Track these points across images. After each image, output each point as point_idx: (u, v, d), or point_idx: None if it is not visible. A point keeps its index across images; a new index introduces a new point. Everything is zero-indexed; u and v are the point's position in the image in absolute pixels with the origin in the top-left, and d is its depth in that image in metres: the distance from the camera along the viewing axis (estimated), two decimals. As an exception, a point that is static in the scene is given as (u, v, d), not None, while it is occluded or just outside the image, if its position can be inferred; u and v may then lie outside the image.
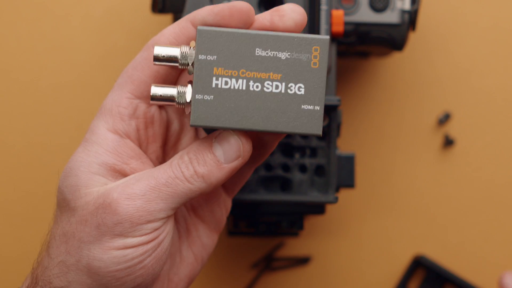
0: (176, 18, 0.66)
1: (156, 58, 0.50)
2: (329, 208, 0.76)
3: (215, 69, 0.50)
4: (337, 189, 0.63)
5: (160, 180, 0.50)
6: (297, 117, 0.50)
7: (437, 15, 0.78)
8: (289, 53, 0.50)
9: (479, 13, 0.78)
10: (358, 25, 0.65)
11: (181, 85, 0.51)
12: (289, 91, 0.50)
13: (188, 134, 0.55)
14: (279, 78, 0.50)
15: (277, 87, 0.50)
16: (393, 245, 0.78)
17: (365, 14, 0.65)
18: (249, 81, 0.50)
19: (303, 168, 0.62)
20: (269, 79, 0.50)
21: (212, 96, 0.50)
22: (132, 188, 0.50)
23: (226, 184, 0.56)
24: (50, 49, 0.77)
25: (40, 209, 0.77)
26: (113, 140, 0.52)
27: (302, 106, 0.50)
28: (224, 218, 0.57)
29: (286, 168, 0.63)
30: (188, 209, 0.56)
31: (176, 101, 0.50)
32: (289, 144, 0.63)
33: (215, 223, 0.56)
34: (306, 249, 0.78)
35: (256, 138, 0.54)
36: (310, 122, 0.50)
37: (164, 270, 0.54)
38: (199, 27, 0.50)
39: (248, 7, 0.50)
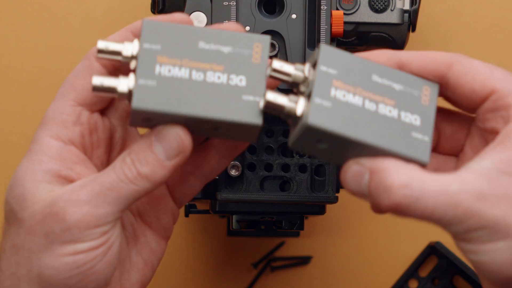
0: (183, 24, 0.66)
1: (100, 51, 0.51)
2: (329, 208, 0.76)
3: (158, 57, 0.50)
4: (337, 189, 0.63)
5: (104, 185, 0.50)
6: (237, 106, 0.50)
7: (437, 15, 0.78)
8: (231, 48, 0.51)
9: (479, 13, 0.78)
10: (358, 25, 0.65)
11: (123, 77, 0.51)
12: (230, 82, 0.51)
13: (133, 142, 0.55)
14: (221, 69, 0.51)
15: (219, 77, 0.51)
16: (393, 245, 0.78)
17: (365, 14, 0.65)
18: (192, 70, 0.50)
19: (303, 168, 0.62)
20: (211, 70, 0.51)
21: (155, 82, 0.50)
22: (78, 195, 0.50)
23: (176, 195, 0.56)
24: (50, 49, 0.77)
25: (40, 209, 0.77)
26: (57, 147, 0.52)
27: (243, 97, 0.50)
28: (172, 226, 0.57)
29: (285, 168, 0.63)
30: (134, 215, 0.56)
31: (117, 91, 0.50)
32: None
33: (163, 229, 0.56)
34: (306, 249, 0.78)
35: (197, 141, 0.54)
36: (250, 111, 0.50)
37: (115, 277, 0.53)
38: (145, 19, 0.51)
39: (187, 18, 0.52)
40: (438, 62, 0.51)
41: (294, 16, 0.62)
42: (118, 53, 0.51)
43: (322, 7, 0.62)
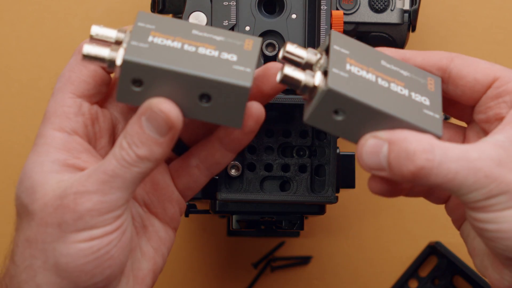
0: (176, 18, 0.66)
1: (92, 37, 0.52)
2: (329, 208, 0.76)
3: (152, 32, 0.51)
4: (337, 189, 0.63)
5: (108, 173, 0.50)
6: (227, 71, 0.51)
7: (437, 15, 0.78)
8: (224, 38, 0.52)
9: (479, 13, 0.78)
10: (358, 25, 0.65)
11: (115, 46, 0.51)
12: (221, 56, 0.51)
13: None
14: (213, 48, 0.52)
15: (210, 52, 0.51)
16: (393, 245, 0.78)
17: (365, 14, 0.65)
18: (184, 44, 0.51)
19: (303, 168, 0.62)
20: (203, 47, 0.52)
21: (147, 45, 0.51)
22: (85, 186, 0.50)
23: (180, 187, 0.57)
24: (50, 49, 0.77)
25: (40, 209, 0.77)
26: (61, 137, 0.53)
27: (234, 66, 0.51)
28: (179, 217, 0.57)
29: (285, 168, 0.63)
30: (141, 206, 0.56)
31: (107, 58, 0.51)
32: (289, 144, 0.63)
33: (169, 219, 0.57)
34: (306, 249, 0.78)
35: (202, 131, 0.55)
36: (239, 75, 0.51)
37: (127, 267, 0.54)
38: (140, 11, 0.52)
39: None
40: (440, 56, 0.54)
41: (294, 16, 0.62)
42: (110, 38, 0.52)
43: (322, 7, 0.62)
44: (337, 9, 0.65)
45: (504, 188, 0.49)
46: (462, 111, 0.56)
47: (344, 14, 0.65)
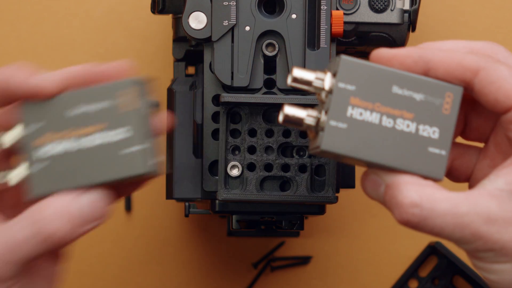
0: (176, 18, 0.66)
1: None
2: (329, 208, 0.76)
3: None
4: (337, 189, 0.63)
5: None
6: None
7: (437, 15, 0.78)
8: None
9: (479, 13, 0.78)
10: (358, 25, 0.65)
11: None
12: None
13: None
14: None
15: None
16: (393, 245, 0.78)
17: (365, 14, 0.65)
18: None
19: (303, 168, 0.62)
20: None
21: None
22: None
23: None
24: (50, 49, 0.77)
25: (40, 209, 0.77)
26: None
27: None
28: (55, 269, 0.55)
29: (285, 168, 0.63)
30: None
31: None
32: (289, 144, 0.63)
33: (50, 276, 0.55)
34: (306, 249, 0.78)
35: None
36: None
37: None
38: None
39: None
40: (465, 68, 0.51)
41: (294, 16, 0.62)
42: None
43: (322, 7, 0.62)
44: (337, 9, 0.65)
45: (491, 246, 0.49)
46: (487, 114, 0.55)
47: (344, 14, 0.65)
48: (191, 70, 0.69)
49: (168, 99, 0.66)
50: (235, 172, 0.62)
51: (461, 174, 0.55)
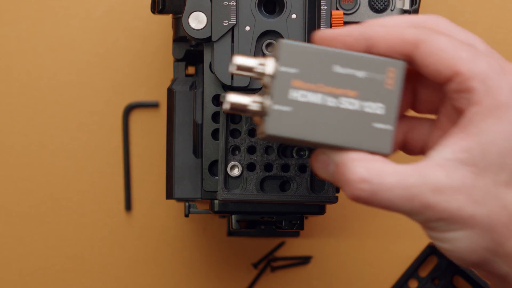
0: (176, 18, 0.66)
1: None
2: (329, 208, 0.76)
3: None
4: (337, 189, 0.63)
5: None
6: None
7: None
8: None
9: (479, 13, 0.78)
10: (358, 25, 0.65)
11: None
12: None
13: None
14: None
15: None
16: (394, 244, 0.78)
17: (365, 14, 0.65)
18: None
19: (303, 168, 0.62)
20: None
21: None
22: None
23: None
24: (50, 49, 0.77)
25: (40, 209, 0.77)
26: None
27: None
28: None
29: (285, 168, 0.63)
30: None
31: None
32: (289, 144, 0.63)
33: None
34: (306, 249, 0.78)
35: None
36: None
37: None
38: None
39: None
40: (405, 42, 0.51)
41: (294, 16, 0.62)
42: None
43: (322, 7, 0.62)
44: (337, 9, 0.65)
45: (440, 216, 0.49)
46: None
47: (344, 14, 0.65)
48: (191, 70, 0.69)
49: (168, 99, 0.66)
50: (235, 172, 0.62)
51: (415, 147, 0.56)
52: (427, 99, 0.55)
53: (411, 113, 0.55)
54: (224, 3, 0.62)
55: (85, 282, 0.78)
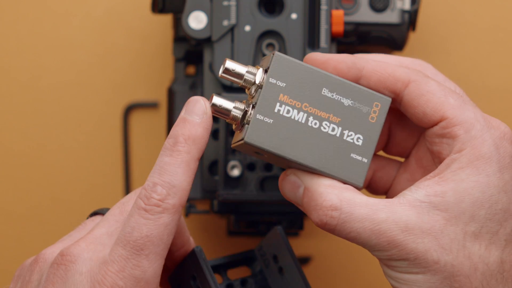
0: (176, 18, 0.66)
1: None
2: (329, 208, 0.76)
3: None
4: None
5: None
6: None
7: (437, 15, 0.78)
8: None
9: (479, 13, 0.78)
10: (358, 25, 0.65)
11: None
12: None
13: None
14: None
15: None
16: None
17: (365, 14, 0.65)
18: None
19: (303, 168, 0.62)
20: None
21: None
22: None
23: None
24: (50, 49, 0.77)
25: (40, 209, 0.77)
26: None
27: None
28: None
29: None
30: None
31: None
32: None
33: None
34: (306, 249, 0.78)
35: None
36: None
37: None
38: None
39: None
40: (396, 79, 0.52)
41: (294, 16, 0.62)
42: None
43: (322, 7, 0.62)
44: (337, 9, 0.65)
45: (405, 256, 0.49)
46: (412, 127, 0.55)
47: (344, 14, 0.65)
48: (191, 70, 0.69)
49: (168, 99, 0.66)
50: (235, 172, 0.62)
51: (379, 187, 0.56)
52: (401, 141, 0.55)
53: (381, 153, 0.56)
54: (224, 3, 0.62)
55: (85, 282, 0.78)
